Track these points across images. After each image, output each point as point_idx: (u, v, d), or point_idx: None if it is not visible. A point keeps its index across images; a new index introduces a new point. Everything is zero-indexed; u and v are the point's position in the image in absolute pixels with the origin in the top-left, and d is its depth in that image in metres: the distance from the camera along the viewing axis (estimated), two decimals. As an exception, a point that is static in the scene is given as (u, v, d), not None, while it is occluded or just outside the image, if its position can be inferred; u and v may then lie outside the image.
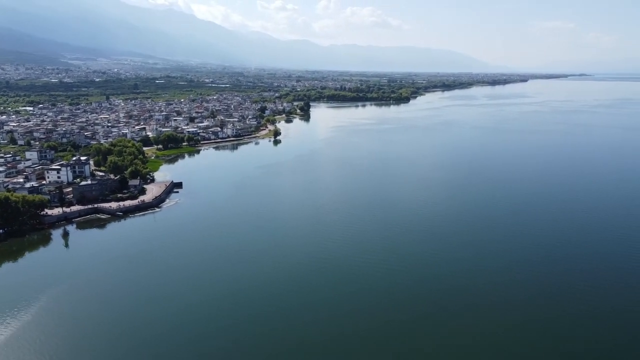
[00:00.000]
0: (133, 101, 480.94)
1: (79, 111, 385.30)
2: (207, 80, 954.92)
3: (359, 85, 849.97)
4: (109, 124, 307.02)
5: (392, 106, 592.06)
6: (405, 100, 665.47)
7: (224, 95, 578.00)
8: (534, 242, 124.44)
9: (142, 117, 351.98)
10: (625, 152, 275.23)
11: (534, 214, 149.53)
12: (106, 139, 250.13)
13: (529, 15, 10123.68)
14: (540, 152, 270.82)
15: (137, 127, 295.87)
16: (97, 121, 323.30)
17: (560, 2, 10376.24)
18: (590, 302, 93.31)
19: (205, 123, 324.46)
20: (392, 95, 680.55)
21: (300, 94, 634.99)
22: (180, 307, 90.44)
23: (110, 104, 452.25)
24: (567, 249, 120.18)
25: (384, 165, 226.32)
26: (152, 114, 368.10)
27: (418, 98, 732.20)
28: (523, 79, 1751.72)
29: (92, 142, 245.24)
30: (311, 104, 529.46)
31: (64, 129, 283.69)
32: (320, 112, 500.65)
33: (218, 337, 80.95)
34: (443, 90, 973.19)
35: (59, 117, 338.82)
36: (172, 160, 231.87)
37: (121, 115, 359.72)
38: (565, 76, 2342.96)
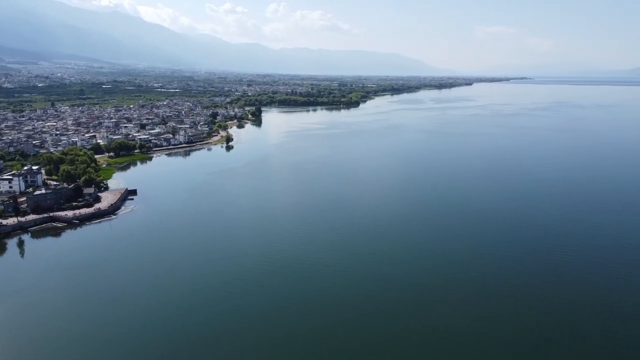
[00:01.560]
0: (80, 107, 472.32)
1: (23, 119, 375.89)
2: (156, 84, 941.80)
3: (310, 89, 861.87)
4: (58, 132, 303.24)
5: (342, 110, 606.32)
6: (355, 104, 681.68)
7: (175, 101, 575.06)
8: (474, 240, 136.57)
9: (91, 124, 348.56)
10: (558, 152, 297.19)
11: (472, 213, 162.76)
12: (56, 148, 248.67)
13: (474, 21, 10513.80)
14: (479, 153, 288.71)
15: (87, 135, 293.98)
16: (44, 129, 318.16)
17: (502, 8, 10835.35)
18: (524, 297, 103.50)
19: (157, 130, 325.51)
20: (343, 100, 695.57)
21: (252, 99, 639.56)
22: (140, 308, 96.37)
23: (56, 110, 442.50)
24: (503, 247, 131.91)
25: (334, 169, 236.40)
26: (102, 121, 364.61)
27: (368, 102, 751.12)
28: (468, 82, 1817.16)
29: (41, 150, 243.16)
30: (263, 108, 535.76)
31: (10, 137, 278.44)
32: (272, 117, 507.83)
33: (177, 335, 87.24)
34: (392, 94, 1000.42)
35: (2, 125, 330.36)
36: (124, 168, 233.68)
37: (69, 122, 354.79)
38: (507, 79, 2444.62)
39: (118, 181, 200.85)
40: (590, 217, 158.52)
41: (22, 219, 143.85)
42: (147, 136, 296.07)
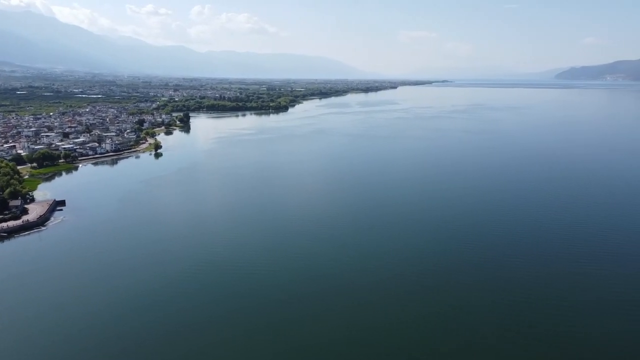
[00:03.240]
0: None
1: None
2: (76, 90, 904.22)
3: (238, 94, 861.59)
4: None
5: (271, 115, 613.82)
6: (284, 109, 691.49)
7: (98, 107, 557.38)
8: (402, 239, 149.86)
9: (8, 133, 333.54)
10: (471, 152, 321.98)
11: (393, 213, 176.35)
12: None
13: (397, 25, 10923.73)
14: (401, 155, 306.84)
15: (5, 146, 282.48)
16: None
17: (423, 14, 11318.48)
18: (462, 292, 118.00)
19: (82, 139, 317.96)
20: (271, 104, 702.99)
21: (179, 105, 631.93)
22: (75, 316, 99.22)
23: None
24: (427, 243, 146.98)
25: (264, 174, 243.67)
26: (20, 130, 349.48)
27: (296, 106, 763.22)
28: (393, 85, 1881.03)
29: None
30: (191, 114, 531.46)
31: None
32: (201, 123, 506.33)
33: (112, 342, 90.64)
34: (320, 98, 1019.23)
35: None
36: (49, 179, 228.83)
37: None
38: (430, 82, 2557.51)
39: (44, 192, 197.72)
40: (504, 214, 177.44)
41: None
42: (71, 145, 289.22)
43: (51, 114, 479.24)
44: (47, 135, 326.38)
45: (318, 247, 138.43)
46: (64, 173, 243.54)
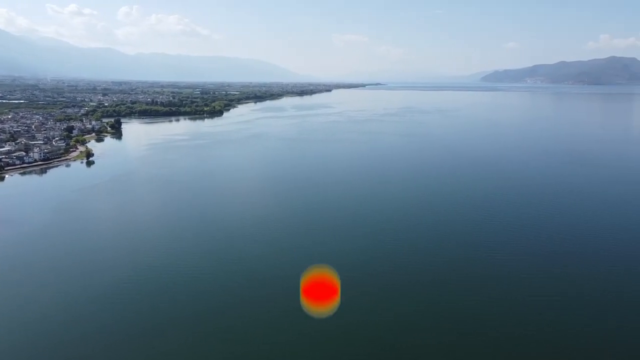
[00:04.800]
0: None
1: None
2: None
3: (171, 98, 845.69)
4: None
5: (206, 120, 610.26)
6: (219, 113, 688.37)
7: (21, 114, 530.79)
8: (343, 242, 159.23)
9: None
10: (399, 156, 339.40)
11: (332, 217, 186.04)
12: None
13: (331, 29, 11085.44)
14: (333, 159, 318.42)
15: None
16: None
17: (355, 17, 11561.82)
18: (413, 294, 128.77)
19: (7, 148, 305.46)
20: (206, 109, 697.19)
21: (110, 110, 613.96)
22: (9, 328, 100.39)
23: None
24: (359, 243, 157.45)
25: (200, 179, 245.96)
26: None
27: (231, 110, 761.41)
28: (328, 88, 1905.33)
29: None
30: (122, 120, 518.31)
31: None
32: (133, 129, 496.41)
33: (49, 353, 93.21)
34: (255, 102, 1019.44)
35: None
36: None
37: None
38: (363, 85, 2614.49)
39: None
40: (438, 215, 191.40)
41: None
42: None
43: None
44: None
45: (258, 250, 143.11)
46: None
